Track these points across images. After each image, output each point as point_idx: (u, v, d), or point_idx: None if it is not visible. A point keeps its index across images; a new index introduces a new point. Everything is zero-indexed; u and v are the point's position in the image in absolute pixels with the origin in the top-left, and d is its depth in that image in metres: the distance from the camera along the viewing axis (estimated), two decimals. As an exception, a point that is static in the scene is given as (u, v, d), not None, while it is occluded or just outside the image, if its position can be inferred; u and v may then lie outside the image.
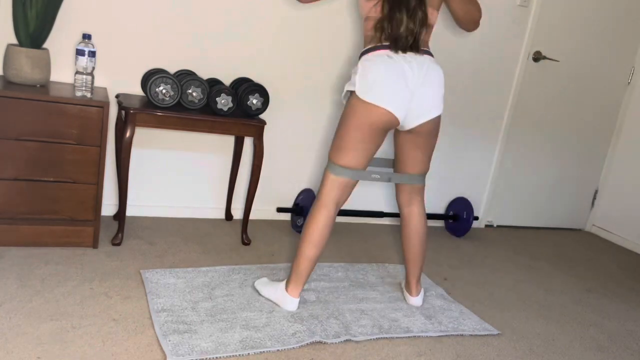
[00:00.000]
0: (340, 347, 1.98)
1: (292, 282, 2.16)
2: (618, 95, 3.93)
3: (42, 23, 2.32)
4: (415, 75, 2.00)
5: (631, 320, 2.65)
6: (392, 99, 1.99)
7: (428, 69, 2.03)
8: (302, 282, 2.16)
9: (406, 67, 1.99)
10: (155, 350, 1.78)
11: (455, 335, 2.20)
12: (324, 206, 2.12)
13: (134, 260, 2.38)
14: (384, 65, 1.98)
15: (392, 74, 1.98)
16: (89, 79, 2.33)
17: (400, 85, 1.99)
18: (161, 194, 2.92)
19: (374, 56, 2.01)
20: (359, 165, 2.10)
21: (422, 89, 2.03)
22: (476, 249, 3.29)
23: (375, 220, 3.45)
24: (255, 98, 2.62)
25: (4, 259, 2.20)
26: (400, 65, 1.99)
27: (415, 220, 2.30)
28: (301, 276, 2.15)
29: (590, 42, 3.68)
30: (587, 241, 3.90)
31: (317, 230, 2.11)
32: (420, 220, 2.30)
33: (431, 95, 2.06)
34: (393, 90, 1.99)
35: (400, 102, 2.01)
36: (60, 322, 1.85)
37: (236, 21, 2.81)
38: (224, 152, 2.98)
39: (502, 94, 3.53)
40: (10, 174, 2.23)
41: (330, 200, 2.12)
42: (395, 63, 1.99)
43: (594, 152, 4.00)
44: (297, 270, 2.14)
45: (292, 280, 2.16)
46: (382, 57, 2.00)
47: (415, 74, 2.00)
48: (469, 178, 3.63)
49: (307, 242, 2.12)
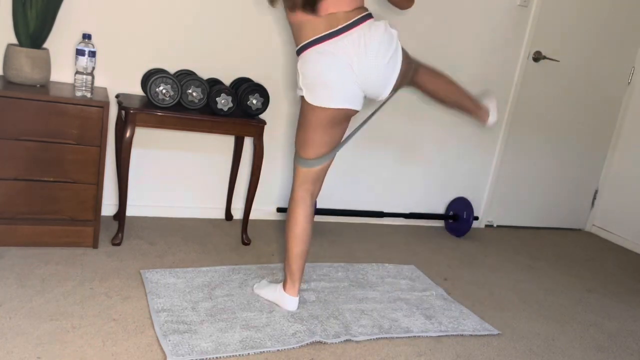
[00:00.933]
0: (340, 347, 1.98)
1: (288, 282, 2.17)
2: (618, 95, 3.93)
3: (42, 23, 2.32)
4: (354, 57, 1.86)
5: (631, 320, 2.65)
6: (341, 96, 1.91)
7: (365, 41, 1.86)
8: (297, 279, 2.16)
9: (340, 55, 1.86)
10: (155, 350, 1.78)
11: (455, 335, 2.20)
12: (302, 200, 2.11)
13: (134, 260, 2.38)
14: (321, 63, 1.88)
15: (331, 69, 1.88)
16: (89, 79, 2.33)
17: (344, 77, 1.88)
18: (161, 194, 2.92)
19: (308, 54, 1.91)
20: (326, 152, 2.05)
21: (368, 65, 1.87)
22: (476, 249, 3.29)
23: (375, 220, 3.45)
24: (255, 98, 2.61)
25: (4, 259, 2.20)
26: (335, 56, 1.86)
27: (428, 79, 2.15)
28: (295, 274, 2.15)
29: (590, 42, 3.68)
30: (587, 241, 3.90)
31: (299, 226, 2.10)
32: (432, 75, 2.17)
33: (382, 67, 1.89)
34: (338, 86, 1.90)
35: (350, 94, 1.92)
36: (60, 322, 1.85)
37: (236, 21, 2.81)
38: (224, 152, 2.98)
39: (502, 94, 3.53)
40: (10, 174, 2.23)
41: (305, 192, 2.11)
42: (329, 56, 1.87)
43: (594, 152, 4.00)
44: (290, 270, 2.15)
45: (287, 280, 2.17)
46: (315, 55, 1.89)
47: (353, 55, 1.86)
48: (469, 178, 3.63)
49: (293, 240, 2.12)
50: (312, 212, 2.13)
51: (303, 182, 2.10)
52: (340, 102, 1.93)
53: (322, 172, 2.11)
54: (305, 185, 2.10)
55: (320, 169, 2.09)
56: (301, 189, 2.11)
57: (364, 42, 1.87)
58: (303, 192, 2.11)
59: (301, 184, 2.11)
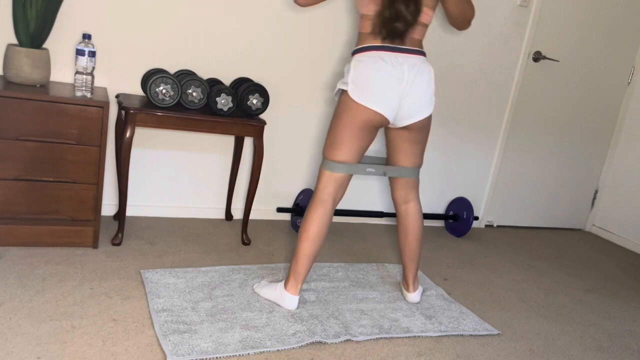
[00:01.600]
0: (340, 347, 1.98)
1: (290, 280, 2.17)
2: (618, 95, 3.93)
3: (42, 23, 2.32)
4: (406, 77, 2.03)
5: (631, 320, 2.65)
6: (382, 101, 2.02)
7: (419, 70, 2.05)
8: (301, 280, 2.16)
9: (397, 69, 2.01)
10: (155, 350, 1.78)
11: (455, 335, 2.20)
12: (321, 203, 2.13)
13: (134, 260, 2.38)
14: (376, 67, 2.00)
15: (384, 76, 2.00)
16: (89, 79, 2.33)
17: (391, 88, 2.01)
18: (161, 194, 2.92)
19: (366, 57, 2.03)
20: (352, 160, 2.13)
21: (413, 90, 2.05)
22: (476, 249, 3.29)
23: (375, 220, 3.45)
24: (255, 98, 2.62)
25: (4, 259, 2.20)
26: (392, 67, 2.01)
27: (412, 217, 2.32)
28: (300, 274, 2.15)
29: (590, 42, 3.68)
30: (587, 241, 3.90)
31: (315, 228, 2.12)
32: (416, 217, 2.32)
33: (421, 96, 2.08)
34: (383, 93, 2.01)
35: (390, 104, 2.04)
36: (60, 322, 1.85)
37: (236, 21, 2.81)
38: (224, 152, 2.98)
39: (502, 94, 3.53)
40: (10, 174, 2.23)
41: (327, 196, 2.13)
42: (386, 65, 2.00)
43: (594, 152, 4.00)
44: (295, 269, 2.15)
45: (290, 278, 2.17)
46: (374, 59, 2.01)
47: (406, 76, 2.03)
48: (469, 178, 3.63)
49: (306, 240, 2.12)
50: (331, 216, 2.15)
51: (326, 186, 2.13)
52: (380, 107, 2.03)
53: (345, 180, 2.15)
54: (328, 189, 2.13)
55: (343, 177, 2.14)
56: (325, 192, 2.13)
57: (418, 70, 2.04)
58: (326, 196, 2.13)
59: (324, 187, 2.14)
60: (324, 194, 2.13)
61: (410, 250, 2.34)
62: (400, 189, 2.31)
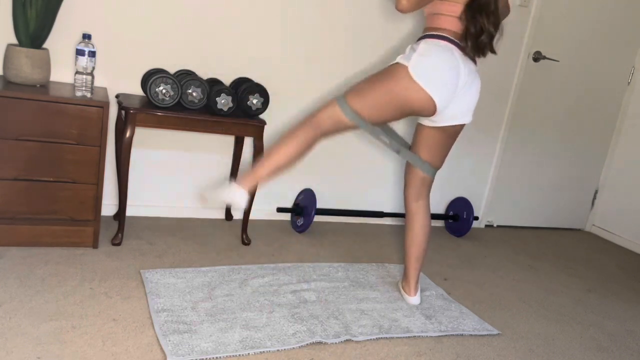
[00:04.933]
0: (340, 347, 1.98)
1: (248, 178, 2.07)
2: (618, 95, 3.93)
3: (42, 23, 2.32)
4: (465, 78, 2.05)
5: (631, 320, 2.65)
6: (441, 90, 2.00)
7: (475, 77, 2.09)
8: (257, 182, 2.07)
9: (461, 67, 2.03)
10: (155, 350, 1.78)
11: (455, 335, 2.20)
12: (312, 129, 2.06)
13: (134, 260, 2.38)
14: (445, 56, 2.00)
15: (450, 67, 2.00)
16: (89, 79, 2.33)
17: (453, 81, 2.02)
18: (161, 194, 2.92)
19: (436, 44, 2.02)
20: (366, 119, 2.06)
21: (466, 92, 2.07)
22: (476, 249, 3.29)
23: (375, 220, 3.45)
24: (255, 98, 2.61)
25: (4, 259, 2.20)
26: (458, 63, 2.02)
27: (422, 215, 2.31)
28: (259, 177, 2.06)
29: (590, 42, 3.68)
30: (587, 241, 3.90)
31: (295, 148, 2.04)
32: (426, 215, 2.32)
33: (470, 101, 2.10)
34: (445, 82, 2.01)
35: (446, 95, 2.02)
36: (60, 322, 1.85)
37: (236, 21, 2.81)
38: (224, 152, 2.98)
39: (502, 94, 3.53)
40: (10, 174, 2.23)
41: (321, 128, 2.07)
42: (454, 59, 2.01)
43: (594, 152, 4.00)
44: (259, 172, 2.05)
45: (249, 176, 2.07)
46: (446, 48, 2.01)
47: (466, 76, 2.05)
48: (469, 178, 3.63)
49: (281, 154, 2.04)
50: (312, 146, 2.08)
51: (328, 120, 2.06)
52: (437, 94, 2.00)
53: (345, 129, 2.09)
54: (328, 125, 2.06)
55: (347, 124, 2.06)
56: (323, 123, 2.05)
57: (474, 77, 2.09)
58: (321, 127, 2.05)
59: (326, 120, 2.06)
60: (319, 124, 2.05)
61: (416, 249, 2.33)
62: (414, 186, 2.29)
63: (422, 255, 2.35)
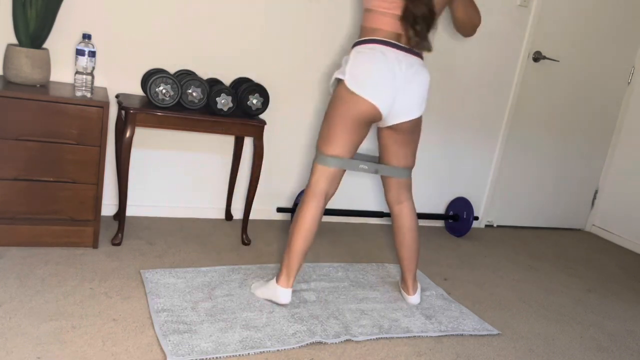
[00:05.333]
0: (340, 347, 1.98)
1: (283, 274, 2.16)
2: (618, 95, 3.93)
3: (42, 23, 2.32)
4: (403, 75, 2.04)
5: (631, 320, 2.65)
6: (378, 94, 2.03)
7: (416, 70, 2.07)
8: (293, 274, 2.16)
9: (396, 65, 2.02)
10: (155, 350, 1.78)
11: (455, 335, 2.20)
12: (314, 197, 2.13)
13: (134, 260, 2.38)
14: (376, 60, 2.01)
15: (383, 70, 2.01)
16: (89, 79, 2.33)
17: (388, 82, 2.02)
18: (161, 194, 2.92)
19: (367, 49, 2.03)
20: (346, 155, 2.13)
21: (407, 88, 2.06)
22: (476, 249, 3.29)
23: (375, 220, 3.45)
24: (255, 98, 2.61)
25: (4, 259, 2.20)
26: (392, 63, 2.02)
27: (406, 217, 2.33)
28: (292, 269, 2.15)
29: (590, 42, 3.68)
30: (587, 241, 3.90)
31: (307, 223, 2.12)
32: (410, 216, 2.33)
33: (414, 97, 2.09)
34: (380, 86, 2.02)
35: (385, 98, 2.04)
36: (60, 322, 1.85)
37: (236, 21, 2.81)
38: (224, 152, 2.98)
39: (502, 94, 3.53)
40: (10, 174, 2.23)
41: (320, 191, 2.13)
42: (387, 60, 2.01)
43: (594, 152, 4.00)
44: (288, 264, 2.15)
45: (283, 273, 2.17)
46: (374, 51, 2.02)
47: (403, 73, 2.04)
48: (469, 178, 3.63)
49: (298, 235, 2.13)
50: (322, 211, 2.15)
51: (319, 180, 2.13)
52: (375, 98, 2.03)
53: (338, 175, 2.15)
54: (321, 184, 2.13)
55: (336, 172, 2.14)
56: (318, 187, 2.13)
57: (415, 71, 2.06)
58: (318, 190, 2.13)
59: (317, 182, 2.13)
60: (317, 189, 2.13)
61: (407, 250, 2.34)
62: (392, 190, 2.32)
63: (413, 256, 2.35)
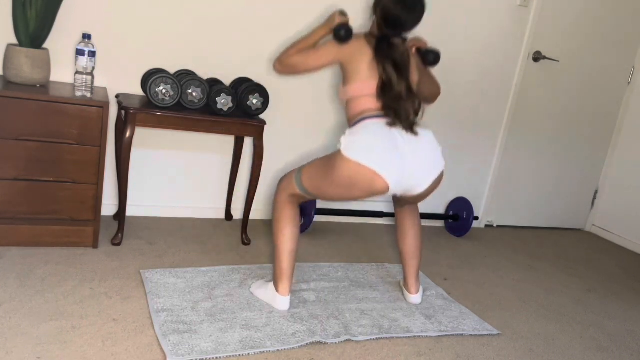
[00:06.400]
0: (340, 347, 1.98)
1: (278, 280, 2.16)
2: (618, 95, 3.93)
3: (42, 23, 2.32)
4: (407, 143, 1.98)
5: (631, 320, 2.65)
6: (382, 161, 1.93)
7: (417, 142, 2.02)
8: (288, 278, 2.16)
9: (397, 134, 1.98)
10: (155, 350, 1.78)
11: (455, 335, 2.20)
12: (290, 204, 2.15)
13: (134, 260, 2.38)
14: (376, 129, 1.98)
15: (385, 138, 1.96)
16: (89, 79, 2.33)
17: (392, 149, 1.96)
18: (161, 194, 2.92)
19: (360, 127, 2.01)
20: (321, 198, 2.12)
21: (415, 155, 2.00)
22: (476, 249, 3.29)
23: (375, 220, 3.45)
24: (255, 98, 2.62)
25: (4, 259, 2.20)
26: (393, 132, 1.98)
27: (410, 215, 2.35)
28: (287, 272, 2.15)
29: (590, 42, 3.68)
30: (587, 241, 3.90)
31: (289, 227, 2.13)
32: (412, 216, 2.35)
33: (426, 158, 2.05)
34: (383, 152, 1.94)
35: (390, 166, 1.94)
36: (60, 322, 1.85)
37: (236, 21, 2.81)
38: (224, 152, 2.98)
39: (502, 94, 3.53)
40: (10, 174, 2.23)
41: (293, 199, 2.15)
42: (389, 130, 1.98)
43: (594, 152, 4.00)
44: (280, 267, 2.15)
45: (278, 278, 2.16)
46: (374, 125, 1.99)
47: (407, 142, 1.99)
48: (469, 178, 3.63)
49: (283, 239, 2.13)
50: (298, 211, 2.18)
51: (294, 195, 2.14)
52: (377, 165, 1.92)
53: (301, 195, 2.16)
54: (294, 198, 2.15)
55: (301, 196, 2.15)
56: (291, 197, 2.15)
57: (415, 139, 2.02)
58: (292, 199, 2.15)
59: (291, 196, 2.14)
60: (292, 198, 2.14)
61: (410, 249, 2.35)
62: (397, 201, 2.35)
63: (415, 255, 2.36)
